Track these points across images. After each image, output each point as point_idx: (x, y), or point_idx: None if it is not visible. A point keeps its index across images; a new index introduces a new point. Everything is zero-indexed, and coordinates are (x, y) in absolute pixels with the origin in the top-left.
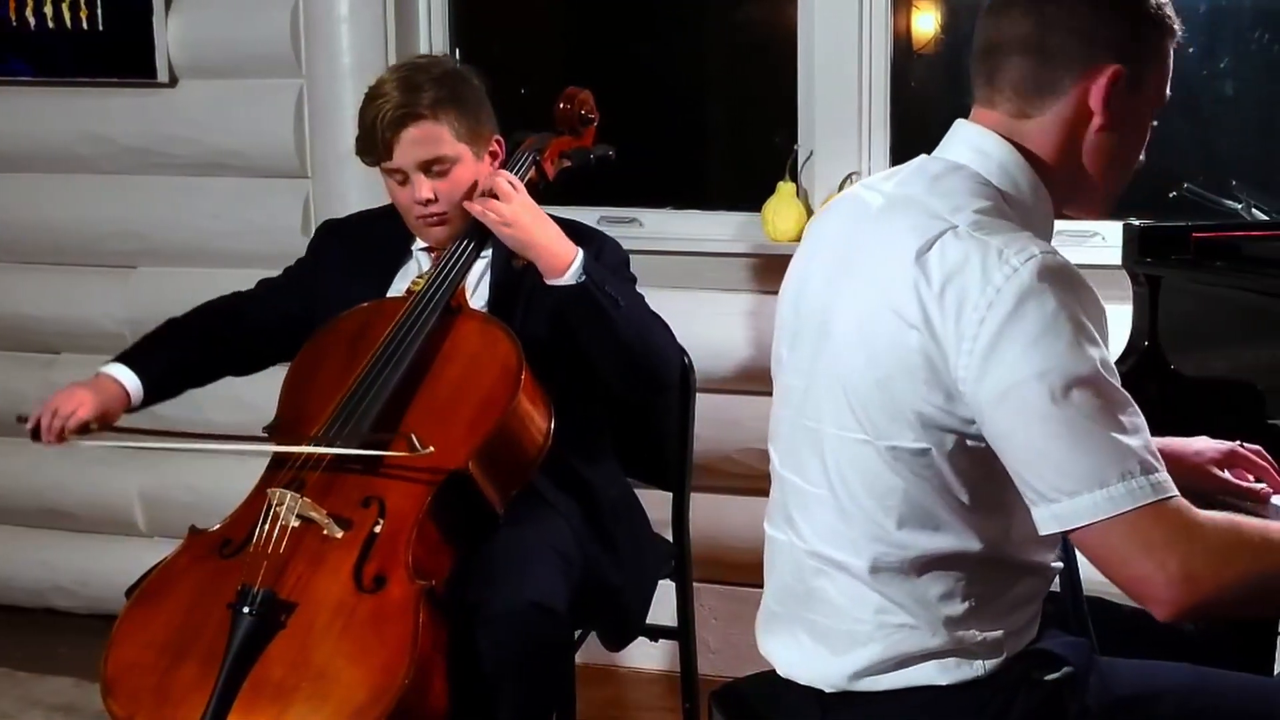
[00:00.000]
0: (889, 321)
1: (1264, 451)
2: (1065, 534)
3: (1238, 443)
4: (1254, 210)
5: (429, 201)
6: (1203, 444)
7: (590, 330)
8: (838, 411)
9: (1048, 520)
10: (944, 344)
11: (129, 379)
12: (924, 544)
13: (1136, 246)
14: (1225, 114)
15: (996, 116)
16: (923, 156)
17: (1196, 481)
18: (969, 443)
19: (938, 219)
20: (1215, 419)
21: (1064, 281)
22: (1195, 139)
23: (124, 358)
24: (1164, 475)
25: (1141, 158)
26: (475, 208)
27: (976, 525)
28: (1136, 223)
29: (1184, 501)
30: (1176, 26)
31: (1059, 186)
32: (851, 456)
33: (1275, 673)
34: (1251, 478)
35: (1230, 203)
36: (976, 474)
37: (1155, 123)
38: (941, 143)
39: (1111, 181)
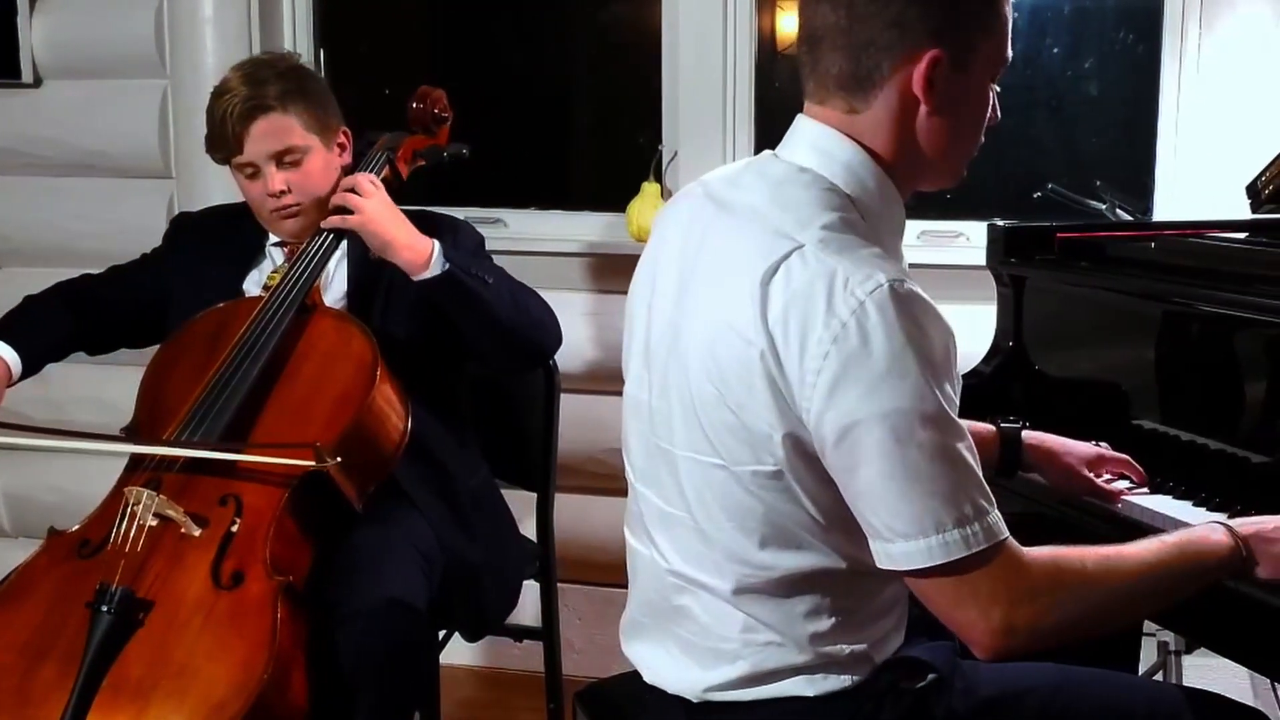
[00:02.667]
0: (736, 347)
1: (1129, 459)
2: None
3: (1105, 446)
4: (1118, 210)
5: (282, 193)
6: (1077, 446)
7: (466, 315)
8: (691, 435)
9: (883, 557)
10: (789, 374)
11: (6, 353)
12: (787, 563)
13: (1001, 247)
14: (1089, 114)
15: (830, 113)
16: (767, 154)
17: (1065, 480)
18: (821, 465)
19: (784, 238)
20: (1079, 419)
21: (909, 312)
22: (1059, 139)
23: None
24: (995, 515)
25: (998, 114)
26: (334, 220)
27: (836, 543)
28: (1001, 223)
29: (1013, 545)
30: None
31: (903, 175)
32: (709, 480)
33: (1140, 673)
34: (1110, 476)
35: (1094, 203)
36: (831, 495)
37: (998, 89)
38: (784, 139)
39: (957, 157)
